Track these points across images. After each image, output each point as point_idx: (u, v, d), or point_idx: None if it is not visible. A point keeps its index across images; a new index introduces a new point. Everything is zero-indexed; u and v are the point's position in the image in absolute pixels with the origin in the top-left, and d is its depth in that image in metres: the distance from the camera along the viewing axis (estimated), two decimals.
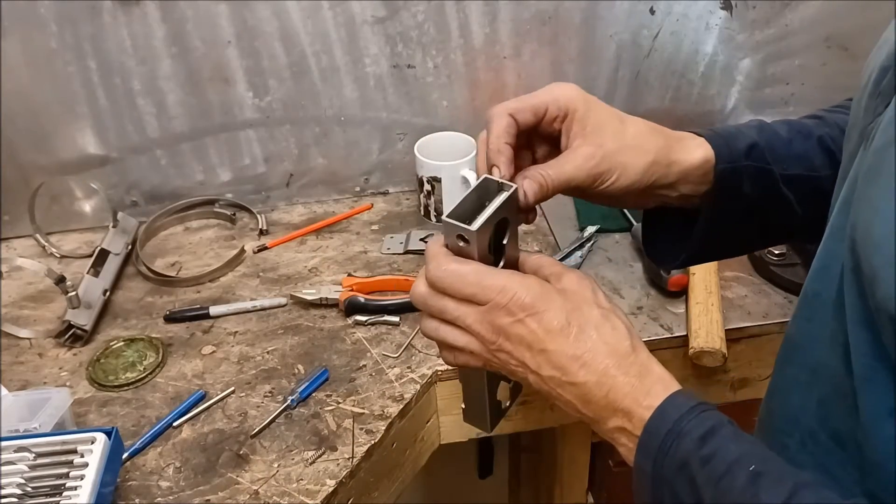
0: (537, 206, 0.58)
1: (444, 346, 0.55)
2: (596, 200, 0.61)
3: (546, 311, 0.51)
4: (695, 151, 0.60)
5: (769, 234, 0.69)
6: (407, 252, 1.10)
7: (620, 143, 0.58)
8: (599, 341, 0.51)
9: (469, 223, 0.51)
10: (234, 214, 1.19)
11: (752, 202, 0.62)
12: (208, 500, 0.77)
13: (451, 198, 1.13)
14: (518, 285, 0.51)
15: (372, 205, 1.21)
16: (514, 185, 0.54)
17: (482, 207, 0.52)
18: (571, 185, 0.57)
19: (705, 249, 0.65)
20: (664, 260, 0.67)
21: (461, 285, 0.51)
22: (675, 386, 0.51)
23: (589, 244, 1.08)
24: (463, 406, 0.62)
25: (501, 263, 0.55)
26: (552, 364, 0.51)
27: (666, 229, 0.66)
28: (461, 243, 0.52)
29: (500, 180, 0.54)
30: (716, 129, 0.62)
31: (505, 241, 0.54)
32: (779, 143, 0.62)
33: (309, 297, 1.00)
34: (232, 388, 0.89)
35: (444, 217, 0.51)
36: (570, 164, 0.57)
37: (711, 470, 0.45)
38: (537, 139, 0.61)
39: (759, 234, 0.67)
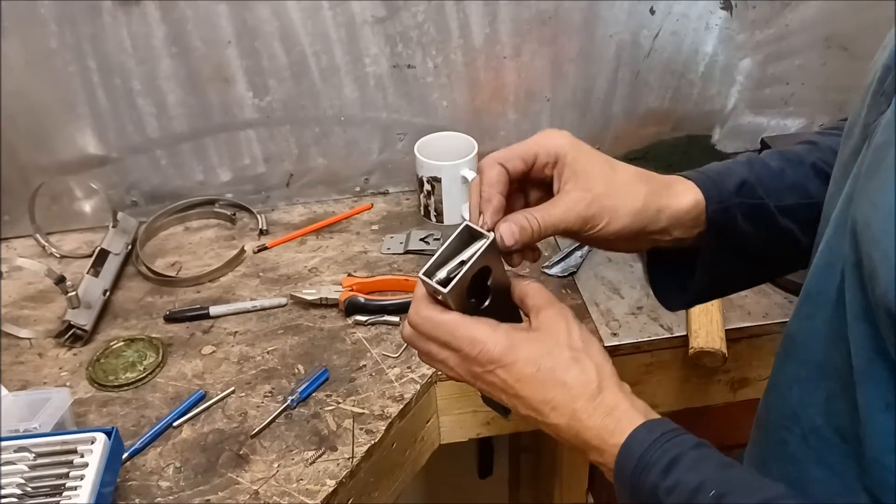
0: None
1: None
2: (589, 244, 0.62)
3: (514, 362, 0.54)
4: (684, 196, 0.60)
5: (778, 266, 0.69)
6: (407, 252, 1.10)
7: (609, 188, 0.58)
8: (567, 386, 0.54)
9: (444, 280, 0.53)
10: (234, 214, 1.19)
11: (750, 239, 0.62)
12: (208, 500, 0.77)
13: (451, 198, 1.14)
14: (487, 338, 0.54)
15: (372, 205, 1.21)
16: (491, 236, 0.55)
17: (462, 253, 0.55)
18: (560, 229, 0.58)
19: (712, 289, 0.66)
20: (673, 302, 0.68)
21: (437, 333, 0.55)
22: (639, 419, 0.52)
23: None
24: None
25: (487, 302, 0.57)
26: (526, 406, 0.54)
27: (669, 271, 0.66)
28: (439, 297, 0.54)
29: (479, 229, 0.56)
30: (704, 170, 0.63)
31: (489, 283, 0.56)
32: (769, 176, 0.62)
33: (309, 297, 1.00)
34: (232, 388, 0.89)
35: (420, 274, 0.54)
36: (558, 209, 0.58)
37: (676, 499, 0.48)
38: (530, 185, 0.62)
39: (766, 268, 0.67)
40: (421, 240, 1.12)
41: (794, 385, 0.55)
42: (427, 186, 1.13)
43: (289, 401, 0.86)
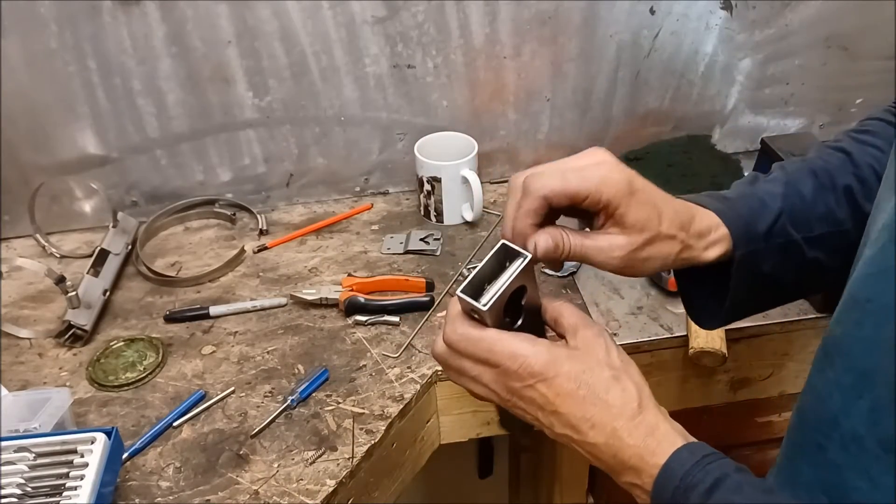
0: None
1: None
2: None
3: (556, 376, 0.53)
4: (713, 249, 0.59)
5: (806, 289, 0.68)
6: (407, 252, 1.10)
7: (648, 242, 0.57)
8: (608, 404, 0.53)
9: (481, 297, 0.53)
10: (234, 214, 1.19)
11: (777, 274, 0.61)
12: (208, 500, 0.77)
13: (451, 198, 1.14)
14: (528, 352, 0.53)
15: (372, 205, 1.21)
16: (529, 255, 0.55)
17: (500, 271, 0.55)
18: (586, 261, 0.58)
19: (743, 311, 0.65)
20: (708, 321, 0.67)
21: (474, 349, 0.54)
22: (680, 441, 0.52)
23: None
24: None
25: (520, 321, 0.57)
26: (564, 424, 0.53)
27: (701, 288, 0.65)
28: (475, 314, 0.54)
29: (516, 247, 0.55)
30: (738, 203, 0.61)
31: (523, 302, 0.56)
32: (803, 207, 0.61)
33: (309, 297, 1.00)
34: (232, 388, 0.89)
35: (458, 292, 0.53)
36: (594, 245, 0.57)
37: None
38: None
39: (794, 292, 0.67)
40: (421, 240, 1.12)
41: (836, 391, 0.54)
42: (427, 186, 1.13)
43: (289, 401, 0.86)
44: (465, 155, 1.12)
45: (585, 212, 0.58)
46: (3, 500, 0.69)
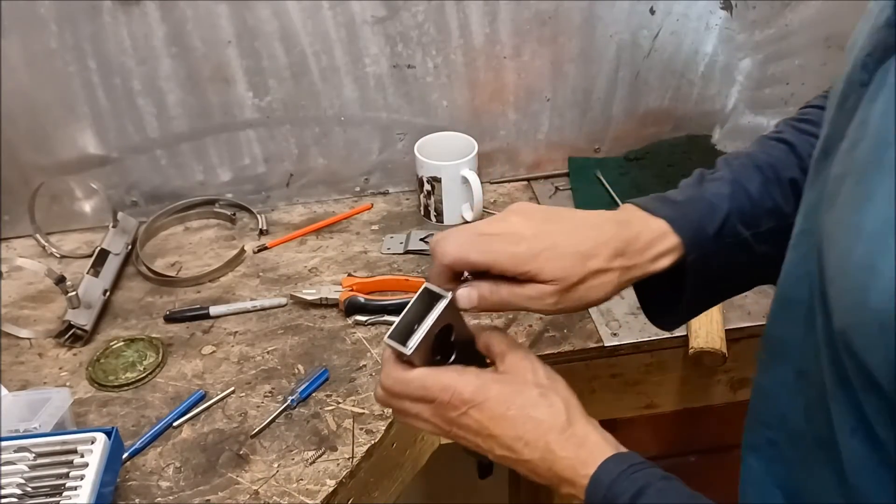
0: None
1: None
2: None
3: (486, 400, 0.55)
4: (663, 259, 0.60)
5: (758, 281, 0.69)
6: (407, 252, 1.10)
7: (579, 280, 0.57)
8: (538, 420, 0.55)
9: (407, 341, 0.55)
10: (234, 214, 1.19)
11: (728, 271, 0.62)
12: (208, 500, 0.77)
13: (451, 198, 1.14)
14: (457, 382, 0.56)
15: (372, 205, 1.21)
16: (449, 295, 0.56)
17: (427, 313, 0.56)
18: (519, 310, 0.62)
19: (698, 309, 0.67)
20: (666, 323, 0.68)
21: (408, 390, 0.57)
22: (609, 451, 0.54)
23: None
24: None
25: (452, 357, 0.59)
26: (501, 445, 0.56)
27: (655, 292, 0.66)
28: (404, 358, 0.56)
29: (437, 290, 0.57)
30: (689, 207, 0.61)
31: (453, 339, 0.58)
32: (751, 205, 0.62)
33: (309, 297, 1.00)
34: (232, 388, 0.89)
35: (385, 338, 0.56)
36: (525, 296, 0.57)
37: None
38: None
39: (747, 284, 0.68)
40: (421, 240, 1.12)
41: (782, 389, 0.55)
42: (427, 186, 1.13)
43: (289, 401, 0.86)
44: (465, 155, 1.12)
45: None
46: (3, 500, 0.69)
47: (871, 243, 0.38)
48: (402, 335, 0.56)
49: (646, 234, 0.59)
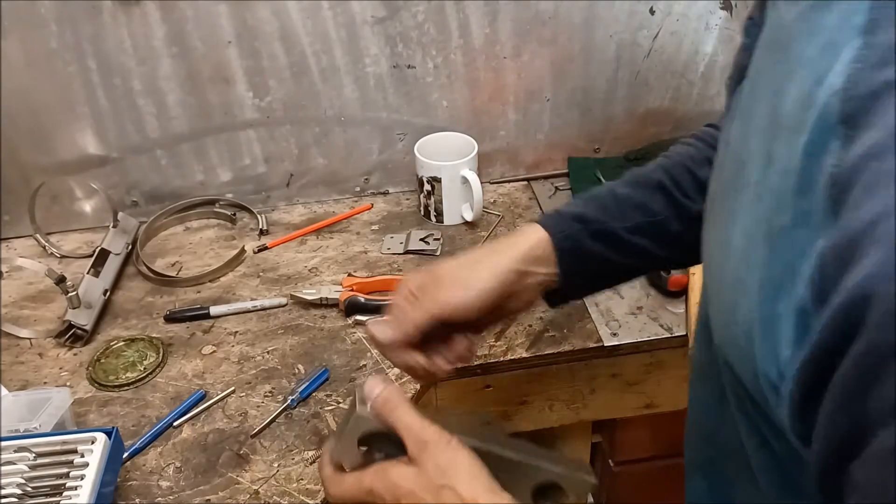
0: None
1: None
2: None
3: (385, 490, 0.53)
4: (543, 267, 0.65)
5: (642, 270, 0.75)
6: (407, 252, 1.10)
7: (485, 320, 0.66)
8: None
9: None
10: (235, 214, 1.19)
11: (604, 257, 0.66)
12: (208, 499, 0.77)
13: (451, 198, 1.14)
14: (362, 477, 0.54)
15: (372, 205, 1.21)
16: (356, 411, 0.55)
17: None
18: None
19: (584, 291, 0.73)
20: (552, 301, 0.70)
21: (339, 495, 0.56)
22: None
23: None
24: None
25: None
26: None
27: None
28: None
29: (355, 402, 0.55)
30: (549, 212, 0.68)
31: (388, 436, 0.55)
32: (614, 202, 0.67)
33: (309, 297, 1.00)
34: (232, 388, 0.89)
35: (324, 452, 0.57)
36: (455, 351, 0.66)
37: None
38: None
39: (630, 271, 0.72)
40: (421, 240, 1.12)
41: (708, 407, 0.55)
42: (427, 186, 1.13)
43: (289, 401, 0.86)
44: (465, 155, 1.12)
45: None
46: (3, 500, 0.69)
47: (738, 259, 0.39)
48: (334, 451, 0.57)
49: (529, 256, 0.65)
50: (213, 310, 1.00)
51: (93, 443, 0.73)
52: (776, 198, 0.37)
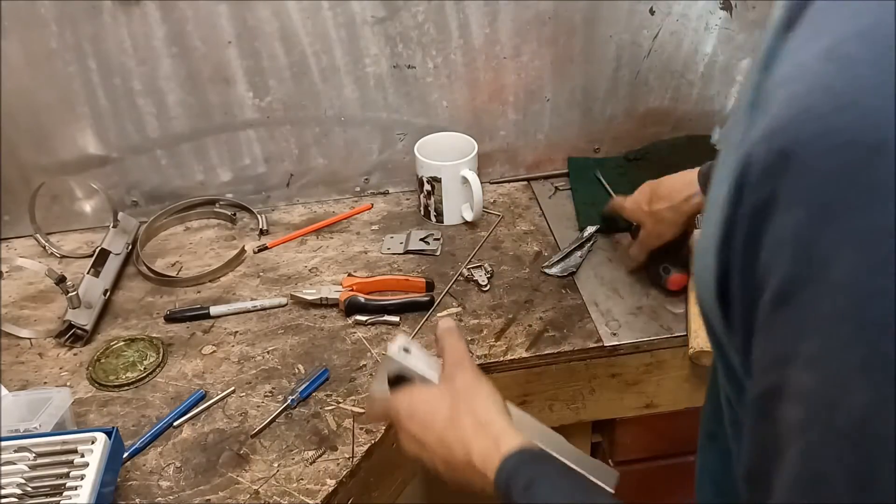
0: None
1: None
2: None
3: (412, 414, 0.63)
4: (692, 200, 0.85)
5: None
6: (407, 252, 1.10)
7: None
8: (454, 421, 0.61)
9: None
10: (235, 214, 1.19)
11: None
12: (208, 499, 0.77)
13: (451, 198, 1.14)
14: (395, 401, 0.65)
15: (372, 205, 1.21)
16: (385, 353, 0.67)
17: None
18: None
19: None
20: None
21: (375, 419, 0.75)
22: (514, 445, 0.58)
23: (589, 244, 1.08)
24: None
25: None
26: (433, 454, 0.62)
27: None
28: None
29: (388, 351, 0.67)
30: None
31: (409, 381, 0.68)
32: None
33: (309, 297, 1.00)
34: (232, 388, 0.89)
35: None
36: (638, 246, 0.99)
37: None
38: None
39: None
40: (421, 240, 1.12)
41: (709, 388, 0.59)
42: (427, 186, 1.13)
43: (289, 400, 0.86)
44: (465, 155, 1.12)
45: None
46: (4, 500, 0.69)
47: (711, 204, 0.41)
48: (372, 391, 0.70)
49: (678, 183, 0.94)
50: (213, 310, 1.00)
51: (93, 443, 0.73)
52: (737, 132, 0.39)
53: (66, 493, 0.70)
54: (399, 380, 0.67)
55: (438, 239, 1.12)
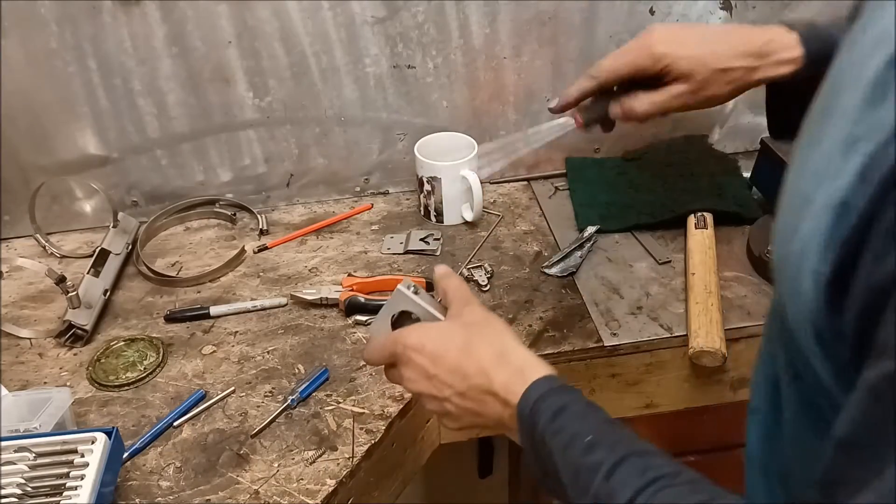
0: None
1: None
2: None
3: (425, 344, 0.62)
4: (784, 67, 0.74)
5: None
6: (407, 252, 1.10)
7: (707, 81, 0.75)
8: (474, 353, 0.60)
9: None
10: (235, 214, 1.19)
11: None
12: (208, 499, 0.77)
13: (451, 198, 1.14)
14: (401, 334, 0.64)
15: (372, 205, 1.21)
16: (397, 287, 0.67)
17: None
18: (661, 112, 0.80)
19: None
20: (783, 133, 0.81)
21: (375, 355, 0.66)
22: (543, 372, 0.58)
23: (589, 244, 1.08)
24: None
25: None
26: (445, 383, 0.61)
27: (785, 105, 0.78)
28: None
29: (401, 284, 0.67)
30: (822, 28, 0.72)
31: (413, 320, 0.68)
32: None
33: (309, 297, 1.00)
34: (232, 388, 0.89)
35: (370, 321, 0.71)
36: (659, 100, 0.79)
37: (559, 441, 0.53)
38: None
39: None
40: (421, 240, 1.12)
41: (758, 360, 0.60)
42: (427, 186, 1.13)
43: (289, 400, 0.86)
44: (465, 155, 1.12)
45: (653, 79, 0.78)
46: (3, 500, 0.69)
47: (810, 177, 0.40)
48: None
49: (775, 42, 0.74)
50: (213, 310, 1.00)
51: (93, 443, 0.73)
52: (853, 115, 0.38)
53: (66, 493, 0.70)
54: (401, 321, 0.67)
55: (438, 239, 1.12)
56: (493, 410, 0.59)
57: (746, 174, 1.18)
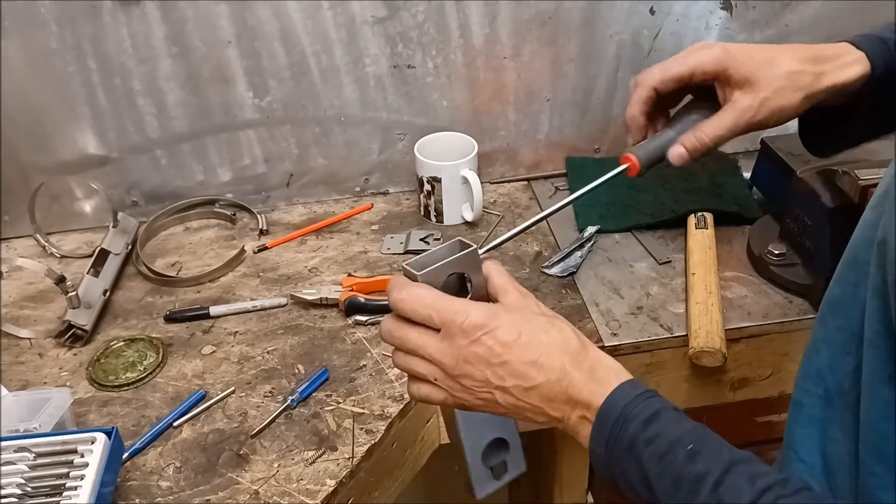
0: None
1: (411, 378, 0.59)
2: None
3: (498, 327, 0.55)
4: (850, 69, 0.68)
5: None
6: (407, 252, 1.10)
7: (774, 90, 0.69)
8: (552, 344, 0.55)
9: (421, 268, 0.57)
10: (235, 214, 1.19)
11: None
12: (208, 500, 0.77)
13: (451, 198, 1.14)
14: (469, 308, 0.55)
15: (372, 205, 1.21)
16: (474, 247, 0.58)
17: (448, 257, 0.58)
18: (730, 138, 0.72)
19: (866, 137, 0.73)
20: (822, 150, 0.75)
21: (419, 306, 0.55)
22: (626, 375, 0.55)
23: (589, 244, 1.08)
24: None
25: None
26: (513, 374, 0.55)
27: (820, 119, 0.73)
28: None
29: (467, 241, 0.59)
30: (875, 33, 0.70)
31: (469, 292, 0.59)
32: None
33: (309, 297, 1.00)
34: (232, 388, 0.89)
35: (403, 264, 0.57)
36: (727, 121, 0.71)
37: (655, 449, 0.50)
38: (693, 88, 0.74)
39: None
40: (421, 240, 1.12)
41: (824, 347, 0.57)
42: (427, 186, 1.13)
43: (289, 401, 0.86)
44: (465, 155, 1.12)
45: (708, 91, 0.71)
46: (3, 500, 0.69)
47: None
48: (421, 266, 0.57)
49: (832, 49, 0.70)
50: (213, 310, 1.00)
51: (93, 443, 0.73)
52: None
53: (65, 493, 0.70)
54: (447, 284, 0.58)
55: (438, 239, 1.12)
56: (559, 411, 0.55)
57: (746, 174, 1.18)
